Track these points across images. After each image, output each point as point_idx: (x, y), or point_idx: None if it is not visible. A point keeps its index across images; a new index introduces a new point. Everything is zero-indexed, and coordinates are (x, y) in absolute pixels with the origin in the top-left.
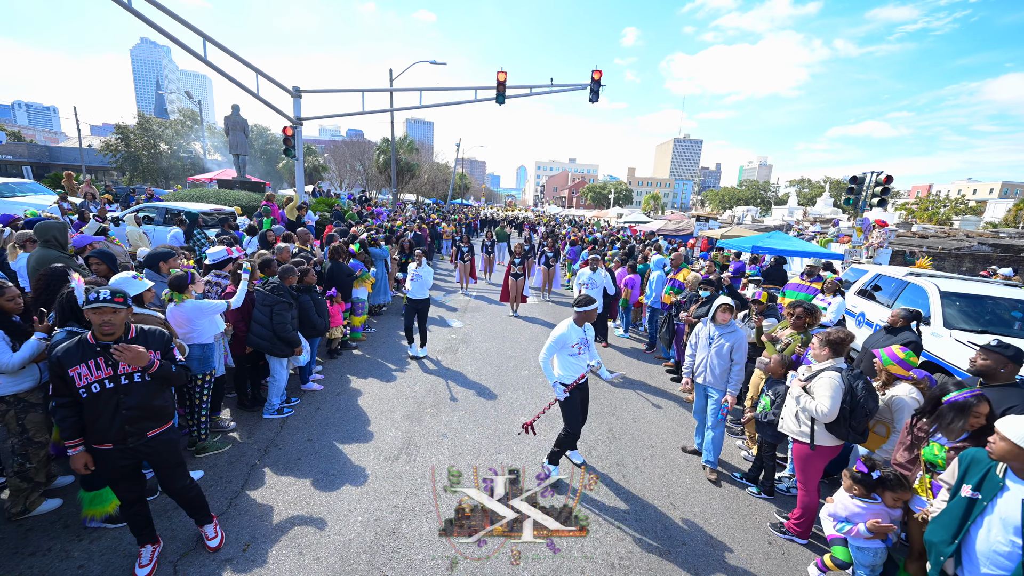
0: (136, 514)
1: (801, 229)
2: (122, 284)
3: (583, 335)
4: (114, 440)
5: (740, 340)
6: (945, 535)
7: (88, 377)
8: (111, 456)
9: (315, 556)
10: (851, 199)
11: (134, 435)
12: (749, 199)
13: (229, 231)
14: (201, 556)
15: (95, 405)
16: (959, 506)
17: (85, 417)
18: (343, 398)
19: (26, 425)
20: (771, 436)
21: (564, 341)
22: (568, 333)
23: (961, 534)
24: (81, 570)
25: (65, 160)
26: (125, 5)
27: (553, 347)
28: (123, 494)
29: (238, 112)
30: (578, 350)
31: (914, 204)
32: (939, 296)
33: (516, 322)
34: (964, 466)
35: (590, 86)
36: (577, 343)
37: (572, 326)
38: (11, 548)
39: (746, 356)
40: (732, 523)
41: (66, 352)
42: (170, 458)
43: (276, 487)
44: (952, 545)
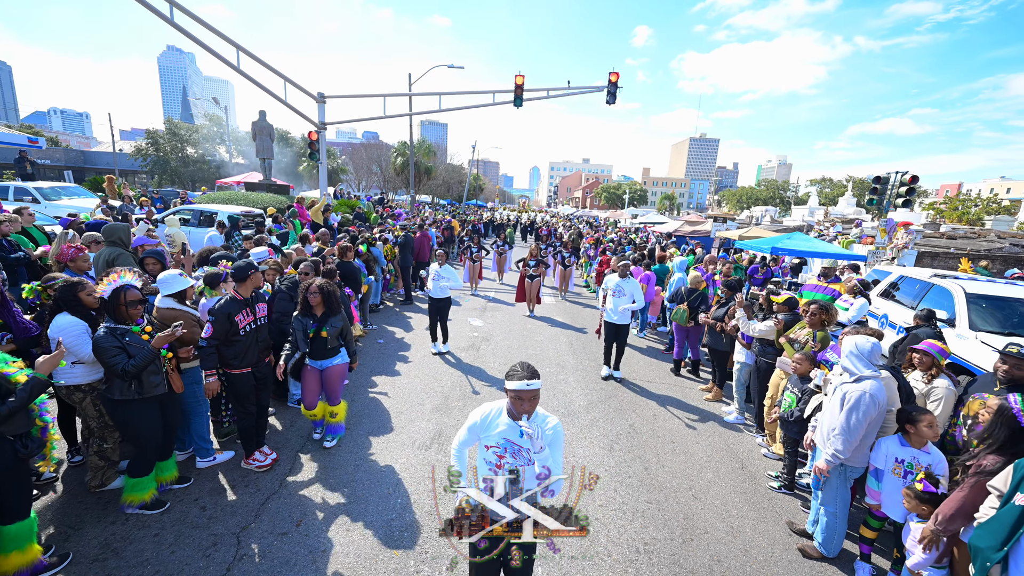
0: (257, 425)
1: (822, 230)
2: (169, 280)
3: (515, 439)
4: (252, 365)
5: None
6: (994, 541)
7: (243, 321)
8: (247, 377)
9: (361, 532)
10: (874, 199)
11: (260, 361)
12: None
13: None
14: (260, 529)
15: (246, 341)
16: (1011, 514)
17: (238, 350)
18: (371, 392)
19: (103, 410)
20: (795, 433)
21: (476, 432)
22: (483, 423)
23: (1012, 542)
24: (156, 538)
25: (98, 164)
26: (168, 20)
27: (467, 437)
28: (249, 407)
29: (264, 118)
30: (497, 458)
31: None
32: (965, 298)
33: (534, 322)
34: (1019, 474)
35: (607, 88)
36: (497, 445)
37: (497, 413)
38: (95, 517)
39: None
40: (753, 515)
41: (229, 304)
42: (270, 379)
43: (320, 472)
44: (1000, 552)
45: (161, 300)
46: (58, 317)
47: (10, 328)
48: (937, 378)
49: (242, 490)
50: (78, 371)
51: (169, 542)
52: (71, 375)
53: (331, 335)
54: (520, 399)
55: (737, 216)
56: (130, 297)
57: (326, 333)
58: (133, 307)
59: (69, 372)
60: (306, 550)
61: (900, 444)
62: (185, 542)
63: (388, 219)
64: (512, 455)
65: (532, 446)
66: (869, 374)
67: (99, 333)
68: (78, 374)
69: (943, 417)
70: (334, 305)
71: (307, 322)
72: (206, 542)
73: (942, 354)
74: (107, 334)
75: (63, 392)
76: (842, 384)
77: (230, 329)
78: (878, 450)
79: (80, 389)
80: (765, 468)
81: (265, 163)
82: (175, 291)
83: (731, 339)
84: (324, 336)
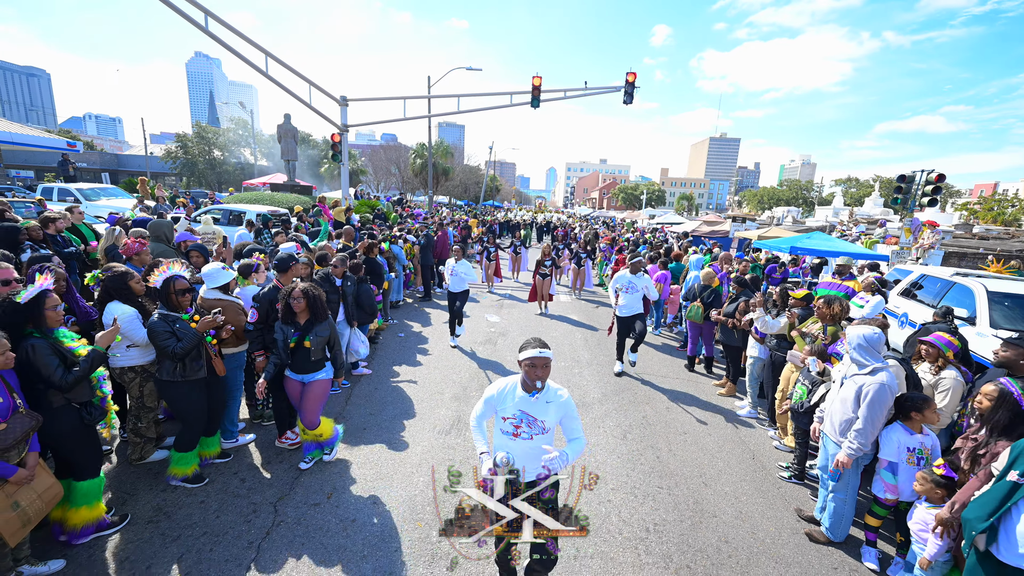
0: (290, 407)
1: (844, 229)
2: (214, 274)
3: (530, 410)
4: None
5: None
6: (981, 513)
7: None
8: None
9: (388, 505)
10: (899, 198)
11: None
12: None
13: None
14: (295, 500)
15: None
16: (1002, 488)
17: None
18: (394, 382)
19: (144, 392)
20: (806, 424)
21: (493, 405)
22: (500, 396)
23: (998, 513)
24: (203, 504)
25: (131, 167)
26: (203, 28)
27: (484, 410)
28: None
29: (289, 121)
30: (514, 427)
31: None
32: (986, 296)
33: (549, 320)
34: (1015, 454)
35: (624, 88)
36: (514, 416)
37: (512, 387)
38: (147, 485)
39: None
40: (762, 501)
41: (271, 292)
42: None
43: (348, 450)
44: (986, 522)
45: (207, 292)
46: (111, 305)
47: (74, 312)
48: (944, 369)
49: (276, 466)
50: (132, 354)
51: (214, 508)
52: (126, 357)
53: (316, 346)
54: (534, 366)
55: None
56: (178, 286)
57: (309, 343)
58: (181, 295)
59: (124, 355)
60: (337, 519)
61: (906, 433)
62: (228, 509)
63: (408, 219)
64: (527, 425)
65: (542, 420)
66: (881, 365)
67: (153, 319)
68: (132, 356)
69: (951, 407)
70: (320, 312)
71: (288, 331)
72: (247, 509)
73: (948, 346)
74: (160, 319)
75: (116, 372)
76: (854, 376)
77: (271, 315)
78: (889, 444)
79: (132, 370)
80: (776, 459)
81: (289, 164)
82: (221, 284)
83: (744, 335)
84: (307, 347)
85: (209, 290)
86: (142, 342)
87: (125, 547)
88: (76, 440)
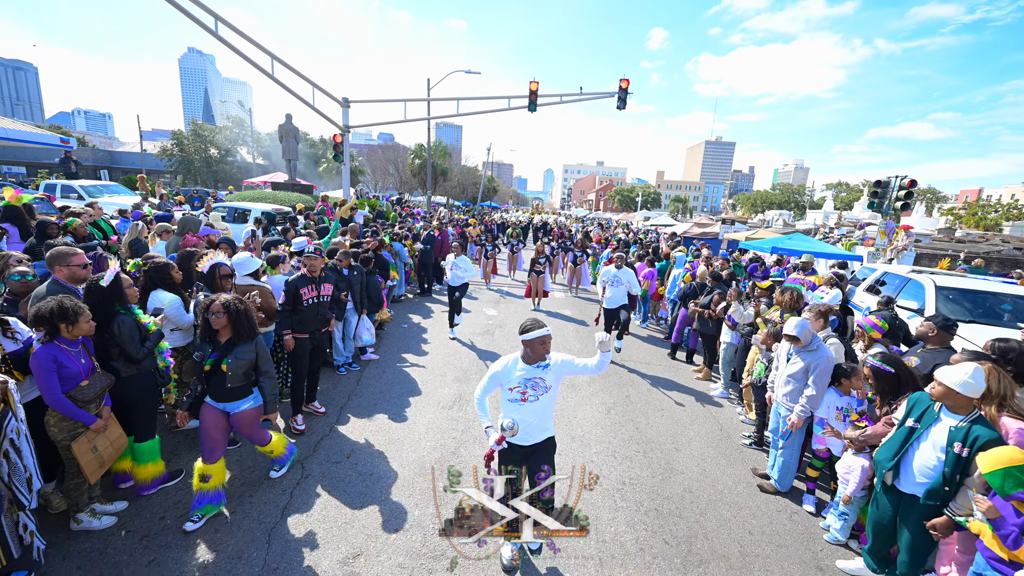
0: (309, 383)
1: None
2: (246, 262)
3: (533, 375)
4: (310, 332)
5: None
6: (888, 454)
7: (307, 295)
8: (305, 342)
9: (399, 464)
10: (875, 203)
11: (318, 329)
12: (783, 203)
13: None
14: (318, 459)
15: (308, 311)
16: (902, 433)
17: (301, 318)
18: (400, 366)
19: (183, 369)
20: (764, 396)
21: (498, 379)
22: (504, 371)
23: (900, 454)
24: (238, 461)
25: (124, 164)
26: (213, 32)
27: (489, 384)
28: (301, 371)
29: (290, 121)
30: (521, 395)
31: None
32: (935, 290)
33: (543, 315)
34: (910, 405)
35: (618, 94)
36: (519, 385)
37: (514, 362)
38: (188, 446)
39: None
40: (724, 463)
41: (298, 280)
42: (325, 345)
43: (362, 422)
44: (892, 462)
45: (239, 279)
46: (155, 293)
47: None
48: (871, 348)
49: (297, 438)
50: (176, 337)
51: (248, 465)
52: (170, 339)
53: (234, 370)
54: (543, 343)
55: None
56: (222, 272)
57: (226, 367)
58: (225, 280)
59: (169, 337)
60: (357, 474)
61: (837, 395)
62: (260, 466)
63: (408, 218)
64: (533, 388)
65: (547, 380)
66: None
67: (198, 300)
68: (175, 339)
69: None
70: (244, 330)
71: (207, 349)
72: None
73: (874, 327)
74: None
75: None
76: (799, 353)
77: (297, 299)
78: (822, 403)
79: (175, 350)
80: (742, 431)
81: (290, 164)
82: (252, 271)
83: (717, 323)
84: (223, 370)
85: (242, 276)
86: (185, 325)
87: (178, 494)
88: (148, 402)
